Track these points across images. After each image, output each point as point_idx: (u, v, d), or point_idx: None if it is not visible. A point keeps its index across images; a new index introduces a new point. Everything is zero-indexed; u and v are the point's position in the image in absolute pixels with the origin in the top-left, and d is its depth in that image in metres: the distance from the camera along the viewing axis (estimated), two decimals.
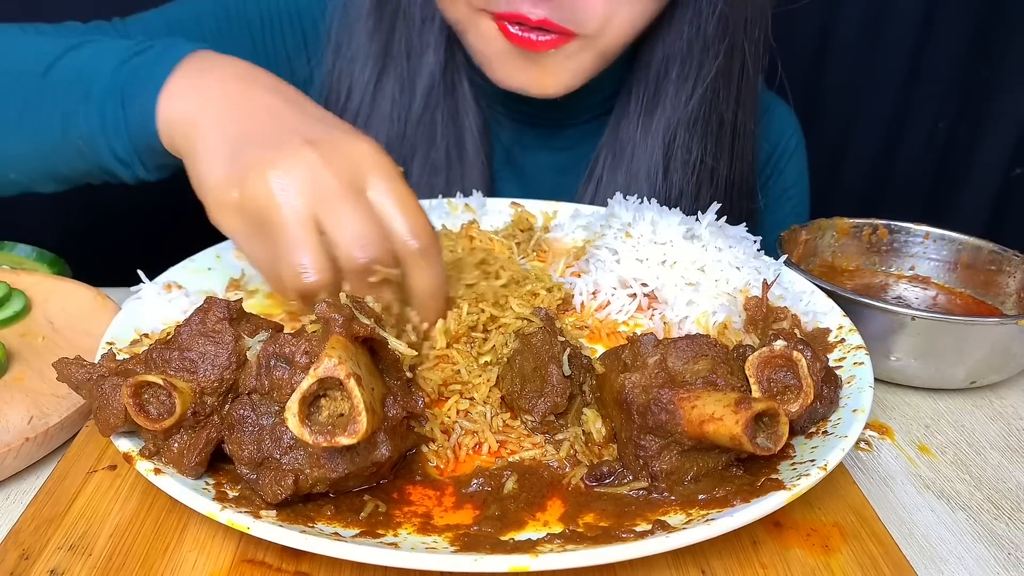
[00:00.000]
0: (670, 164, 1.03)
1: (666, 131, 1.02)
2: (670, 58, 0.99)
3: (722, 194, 1.06)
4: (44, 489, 0.59)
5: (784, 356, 0.58)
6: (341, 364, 0.49)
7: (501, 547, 0.50)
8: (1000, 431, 0.78)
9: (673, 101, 1.01)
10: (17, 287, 0.85)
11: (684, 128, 1.01)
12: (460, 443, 0.61)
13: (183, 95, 0.70)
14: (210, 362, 0.55)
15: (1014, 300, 0.91)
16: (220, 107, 0.68)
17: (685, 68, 0.99)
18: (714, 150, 1.03)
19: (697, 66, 0.99)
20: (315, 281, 0.61)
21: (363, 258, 0.61)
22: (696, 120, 1.01)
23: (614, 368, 0.61)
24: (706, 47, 0.98)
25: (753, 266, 0.79)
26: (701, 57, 0.98)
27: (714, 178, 1.05)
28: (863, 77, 1.69)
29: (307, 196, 0.61)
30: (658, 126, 1.02)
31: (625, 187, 1.03)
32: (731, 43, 0.98)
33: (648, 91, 1.02)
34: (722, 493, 0.54)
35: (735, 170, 1.06)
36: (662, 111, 1.02)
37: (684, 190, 1.04)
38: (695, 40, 0.97)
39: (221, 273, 0.83)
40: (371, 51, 1.02)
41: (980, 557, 0.62)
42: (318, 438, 0.48)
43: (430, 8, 0.99)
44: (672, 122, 1.01)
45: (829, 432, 0.60)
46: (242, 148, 0.64)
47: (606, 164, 1.06)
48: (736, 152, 1.06)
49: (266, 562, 0.53)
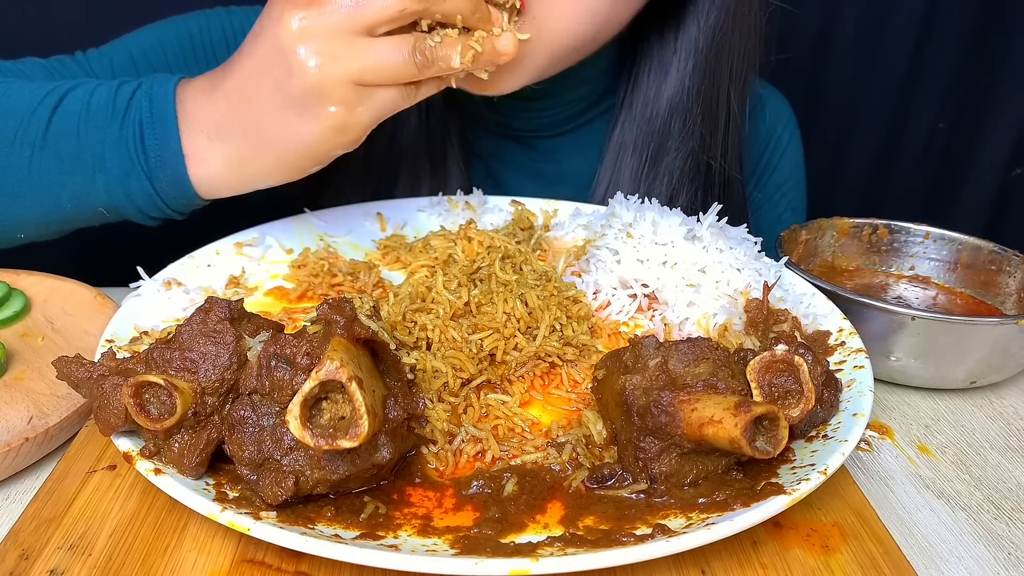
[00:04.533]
0: (659, 162, 1.02)
1: (649, 131, 1.01)
2: (646, 58, 1.00)
3: (712, 187, 1.05)
4: (44, 489, 0.59)
5: (785, 361, 0.58)
6: (343, 367, 0.48)
7: (501, 550, 0.50)
8: (1000, 431, 0.78)
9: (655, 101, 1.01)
10: (17, 287, 0.85)
11: (672, 120, 1.00)
12: (461, 450, 0.61)
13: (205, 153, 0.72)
14: (211, 362, 0.55)
15: (1014, 300, 0.91)
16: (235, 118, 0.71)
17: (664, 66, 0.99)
18: (707, 143, 1.03)
19: (680, 62, 0.98)
20: None
21: None
22: (685, 109, 1.00)
23: (615, 370, 0.61)
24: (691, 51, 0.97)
25: (754, 268, 0.79)
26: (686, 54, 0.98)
27: (701, 171, 1.05)
28: (863, 77, 1.69)
29: None
30: (640, 130, 1.02)
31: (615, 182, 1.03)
32: (719, 43, 0.97)
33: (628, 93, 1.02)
34: (722, 497, 0.54)
35: (727, 159, 1.05)
36: (643, 114, 1.01)
37: (676, 189, 1.03)
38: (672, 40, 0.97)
39: (221, 270, 0.83)
40: None
41: (980, 557, 0.62)
42: (319, 441, 0.48)
43: None
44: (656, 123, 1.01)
45: (829, 436, 0.60)
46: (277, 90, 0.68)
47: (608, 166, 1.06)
48: (730, 142, 1.05)
49: (266, 562, 0.53)
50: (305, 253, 0.88)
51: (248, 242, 0.88)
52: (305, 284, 0.83)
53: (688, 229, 0.81)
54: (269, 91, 0.68)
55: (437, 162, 1.07)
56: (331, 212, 0.95)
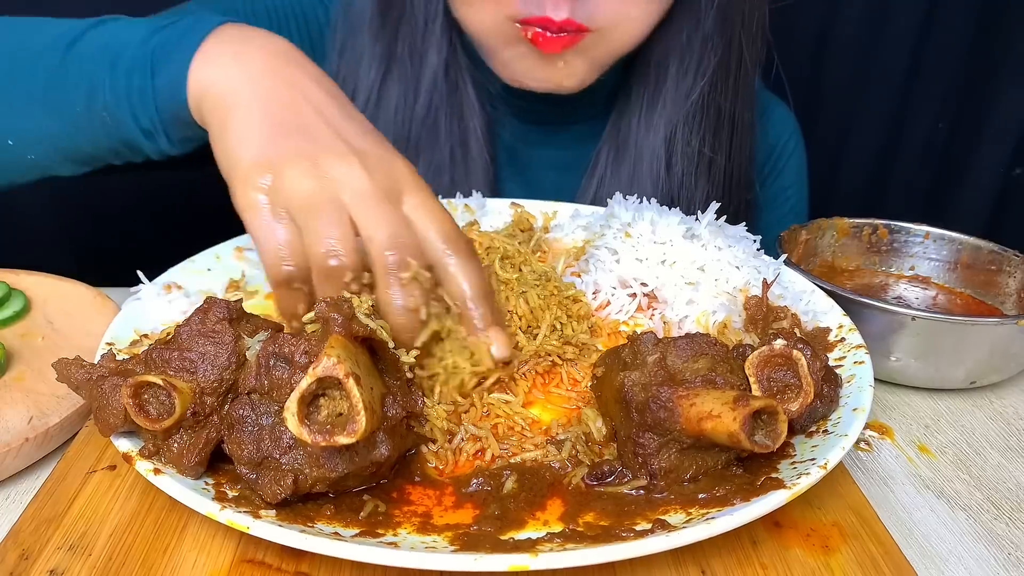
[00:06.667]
0: (672, 158, 1.04)
1: (668, 125, 1.03)
2: (670, 53, 1.01)
3: (720, 185, 1.07)
4: (44, 489, 0.59)
5: (784, 355, 0.58)
6: (340, 363, 0.49)
7: (501, 546, 0.50)
8: (1000, 431, 0.78)
9: (674, 96, 1.02)
10: (17, 287, 0.85)
11: (684, 122, 1.03)
12: (461, 448, 0.61)
13: (221, 61, 0.68)
14: (210, 362, 0.55)
15: (1014, 300, 0.91)
16: (263, 83, 0.67)
17: (684, 63, 1.01)
18: (712, 142, 1.04)
19: (696, 61, 1.00)
20: (342, 264, 0.60)
21: (395, 257, 0.60)
22: (696, 113, 1.02)
23: (614, 366, 0.61)
24: (705, 41, 0.99)
25: (753, 265, 0.79)
26: (701, 51, 1.00)
27: (712, 169, 1.06)
28: (863, 77, 1.69)
29: (347, 194, 0.61)
30: (659, 121, 1.03)
31: (628, 182, 1.04)
32: (729, 37, 0.99)
33: (648, 87, 1.03)
34: (722, 492, 0.54)
35: (733, 161, 1.07)
36: (663, 106, 1.03)
37: (685, 182, 1.05)
38: (694, 35, 0.99)
39: (221, 274, 0.83)
40: (375, 53, 1.02)
41: (980, 557, 0.62)
42: (317, 437, 0.48)
43: (433, 9, 1.00)
44: (673, 116, 1.03)
45: (829, 431, 0.60)
46: (284, 135, 0.64)
47: (609, 160, 1.07)
48: (735, 144, 1.07)
49: (266, 562, 0.53)
50: None
51: (248, 246, 0.88)
52: None
53: (687, 228, 0.81)
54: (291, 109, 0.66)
55: (463, 148, 1.07)
56: None
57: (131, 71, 0.71)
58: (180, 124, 0.72)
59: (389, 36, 1.02)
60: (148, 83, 0.70)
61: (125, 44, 0.72)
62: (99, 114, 0.72)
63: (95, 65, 0.72)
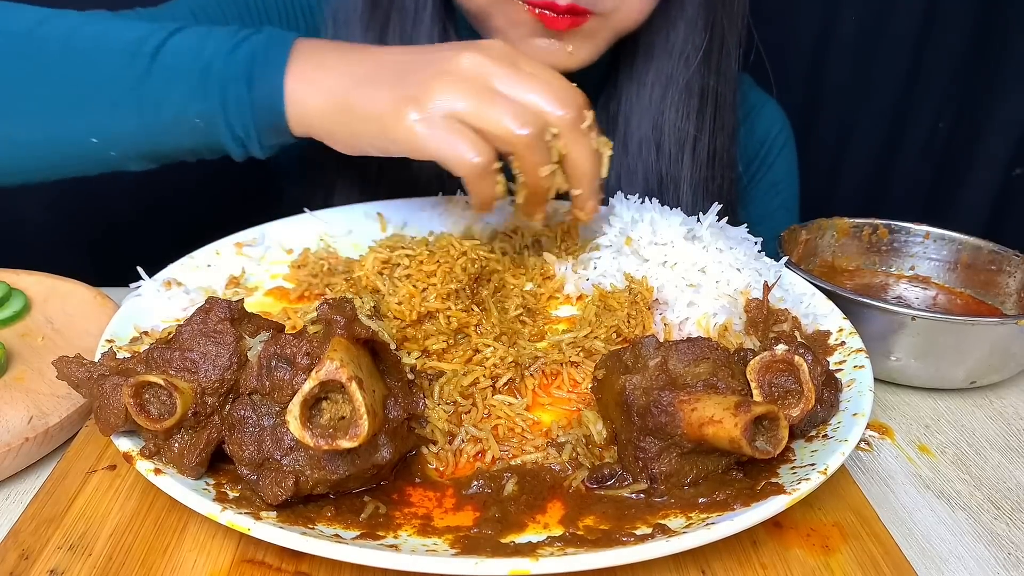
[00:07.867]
0: (661, 139, 1.05)
1: (655, 107, 1.04)
2: (655, 37, 1.02)
3: (705, 164, 1.07)
4: (44, 489, 0.59)
5: (786, 361, 0.58)
6: (343, 367, 0.48)
7: (501, 550, 0.50)
8: (1000, 431, 0.78)
9: (660, 78, 1.03)
10: (17, 287, 0.85)
11: (672, 103, 1.03)
12: (462, 450, 0.61)
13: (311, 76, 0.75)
14: (211, 362, 0.55)
15: (1014, 300, 0.91)
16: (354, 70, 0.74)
17: (670, 44, 1.02)
18: (697, 120, 1.05)
19: (681, 43, 1.01)
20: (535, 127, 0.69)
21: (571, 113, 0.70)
22: (681, 92, 1.03)
23: (615, 370, 0.61)
24: (689, 24, 1.00)
25: (754, 267, 0.79)
26: (685, 34, 1.01)
27: (697, 147, 1.07)
28: (863, 77, 1.69)
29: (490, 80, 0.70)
30: (648, 103, 1.04)
31: (619, 165, 1.05)
32: (712, 20, 1.01)
33: (636, 69, 1.04)
34: (722, 497, 0.54)
35: (716, 139, 1.08)
36: (650, 89, 1.04)
37: (673, 160, 1.05)
38: (678, 18, 1.00)
39: (221, 270, 0.83)
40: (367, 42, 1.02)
41: (980, 557, 0.62)
42: (319, 441, 0.48)
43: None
44: (660, 98, 1.04)
45: (829, 436, 0.60)
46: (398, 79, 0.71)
47: None
48: (718, 122, 1.07)
49: (266, 562, 0.53)
50: (305, 253, 0.88)
51: (248, 242, 0.88)
52: (305, 284, 0.83)
53: (688, 229, 0.81)
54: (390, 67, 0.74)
55: None
56: (331, 212, 0.95)
57: (226, 81, 0.75)
58: (274, 132, 0.78)
59: (380, 25, 1.02)
60: (245, 94, 0.75)
61: (213, 53, 0.76)
62: (191, 121, 0.77)
63: (185, 74, 0.76)
